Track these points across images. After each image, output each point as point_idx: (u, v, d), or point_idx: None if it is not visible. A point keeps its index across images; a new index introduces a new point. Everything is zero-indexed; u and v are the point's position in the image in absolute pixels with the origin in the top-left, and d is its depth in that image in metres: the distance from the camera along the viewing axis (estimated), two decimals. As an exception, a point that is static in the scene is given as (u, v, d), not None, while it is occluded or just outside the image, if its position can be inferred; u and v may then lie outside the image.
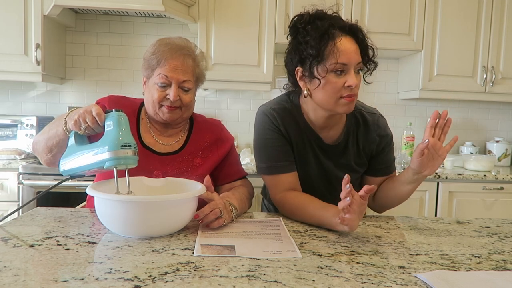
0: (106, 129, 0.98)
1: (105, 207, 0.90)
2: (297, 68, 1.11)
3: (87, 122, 0.99)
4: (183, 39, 1.21)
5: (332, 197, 1.08)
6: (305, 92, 1.11)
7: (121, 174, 0.99)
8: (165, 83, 1.16)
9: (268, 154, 1.16)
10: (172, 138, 1.27)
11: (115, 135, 0.95)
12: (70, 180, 1.07)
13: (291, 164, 1.17)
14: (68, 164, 1.02)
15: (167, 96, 1.16)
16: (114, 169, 0.95)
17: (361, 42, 1.07)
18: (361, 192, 0.91)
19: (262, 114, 1.18)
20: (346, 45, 1.03)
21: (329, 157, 1.21)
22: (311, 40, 1.05)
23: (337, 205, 0.94)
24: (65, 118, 1.05)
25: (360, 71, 1.08)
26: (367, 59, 1.09)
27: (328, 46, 1.03)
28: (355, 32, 1.06)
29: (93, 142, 1.01)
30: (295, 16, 1.12)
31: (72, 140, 1.04)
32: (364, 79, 1.14)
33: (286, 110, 1.17)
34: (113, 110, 0.98)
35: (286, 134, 1.16)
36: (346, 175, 0.91)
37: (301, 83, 1.12)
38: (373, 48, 1.10)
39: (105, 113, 0.99)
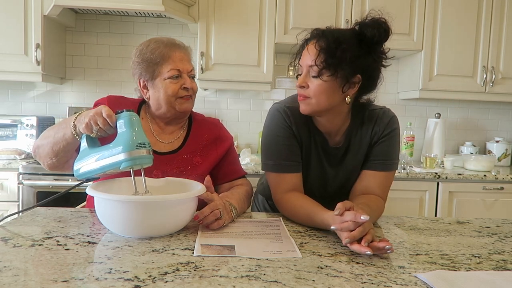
0: (118, 130, 0.97)
1: (105, 207, 0.90)
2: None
3: (98, 125, 0.98)
4: (168, 37, 1.27)
5: (325, 203, 1.06)
6: None
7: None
8: (177, 74, 1.20)
9: (277, 152, 1.16)
10: (173, 135, 1.27)
11: (129, 135, 0.94)
12: (69, 177, 1.06)
13: (298, 165, 1.17)
14: (83, 167, 1.01)
15: (183, 86, 1.20)
16: (131, 169, 0.95)
17: (321, 46, 1.02)
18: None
19: (276, 111, 1.18)
20: (307, 48, 1.08)
21: (331, 162, 1.21)
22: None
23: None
24: (73, 122, 1.03)
25: (315, 77, 1.03)
26: (328, 65, 1.01)
27: (302, 49, 1.11)
28: (316, 36, 1.06)
29: (104, 143, 1.01)
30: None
31: (84, 144, 1.02)
32: (341, 91, 1.06)
33: (299, 110, 1.16)
34: (124, 110, 0.98)
35: (298, 134, 1.16)
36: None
37: None
38: (326, 56, 1.02)
39: (116, 114, 0.98)
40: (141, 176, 0.99)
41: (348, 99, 1.08)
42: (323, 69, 1.03)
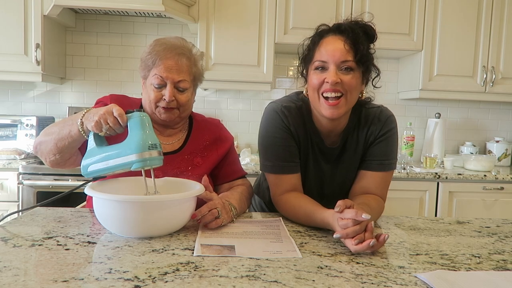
0: (129, 130, 0.96)
1: (103, 207, 0.90)
2: (299, 67, 1.15)
3: (108, 124, 0.97)
4: (179, 39, 1.20)
5: (324, 203, 1.06)
6: (304, 91, 1.15)
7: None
8: (161, 83, 1.15)
9: (276, 153, 1.15)
10: (171, 138, 1.27)
11: (140, 136, 0.93)
12: (68, 177, 1.06)
13: (296, 166, 1.17)
14: (91, 166, 1.00)
15: (163, 97, 1.15)
16: (142, 170, 0.95)
17: (352, 41, 1.03)
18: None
19: (272, 111, 1.17)
20: (327, 43, 1.05)
21: (327, 162, 1.21)
22: (309, 41, 1.12)
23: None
24: (81, 119, 1.02)
25: (350, 71, 1.04)
26: (362, 59, 1.04)
27: (316, 45, 1.08)
28: (343, 31, 1.04)
29: (111, 142, 1.00)
30: None
31: (92, 142, 1.02)
32: (372, 84, 1.12)
33: (296, 109, 1.16)
34: (135, 110, 0.97)
35: (295, 134, 1.16)
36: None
37: (304, 83, 1.16)
38: (368, 49, 1.06)
39: (126, 113, 0.98)
40: (150, 176, 0.99)
41: (364, 94, 1.13)
42: (358, 64, 1.04)
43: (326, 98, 1.05)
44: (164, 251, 0.83)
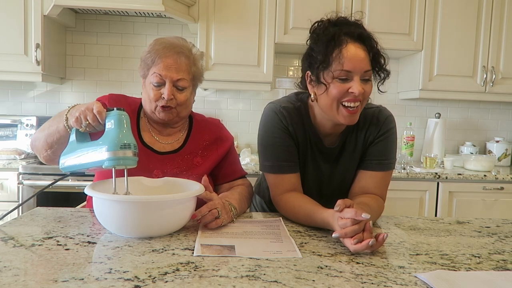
0: (106, 127, 0.96)
1: (103, 207, 0.90)
2: (307, 72, 1.11)
3: (88, 120, 0.98)
4: (179, 38, 1.21)
5: (323, 203, 1.06)
6: (312, 96, 1.11)
7: (120, 173, 0.98)
8: (159, 82, 1.15)
9: (275, 153, 1.15)
10: (171, 137, 1.27)
11: (115, 134, 0.93)
12: (68, 176, 1.06)
13: (296, 165, 1.17)
14: (67, 161, 1.01)
15: (162, 96, 1.15)
16: (113, 169, 0.94)
17: (371, 50, 1.04)
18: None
19: (271, 111, 1.17)
20: (351, 52, 1.02)
21: (326, 162, 1.21)
22: (320, 45, 1.06)
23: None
24: (66, 115, 1.04)
25: (368, 80, 1.05)
26: (379, 68, 1.07)
27: (334, 52, 1.03)
28: (364, 40, 1.04)
29: (95, 139, 1.00)
30: (315, 22, 1.12)
31: (73, 137, 1.02)
32: (378, 89, 1.11)
33: (295, 110, 1.16)
34: (115, 108, 0.97)
35: (294, 134, 1.16)
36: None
37: (309, 87, 1.12)
38: (383, 56, 1.07)
39: (107, 111, 0.98)
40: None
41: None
42: (377, 72, 1.06)
43: (347, 106, 1.05)
44: (164, 251, 0.83)
